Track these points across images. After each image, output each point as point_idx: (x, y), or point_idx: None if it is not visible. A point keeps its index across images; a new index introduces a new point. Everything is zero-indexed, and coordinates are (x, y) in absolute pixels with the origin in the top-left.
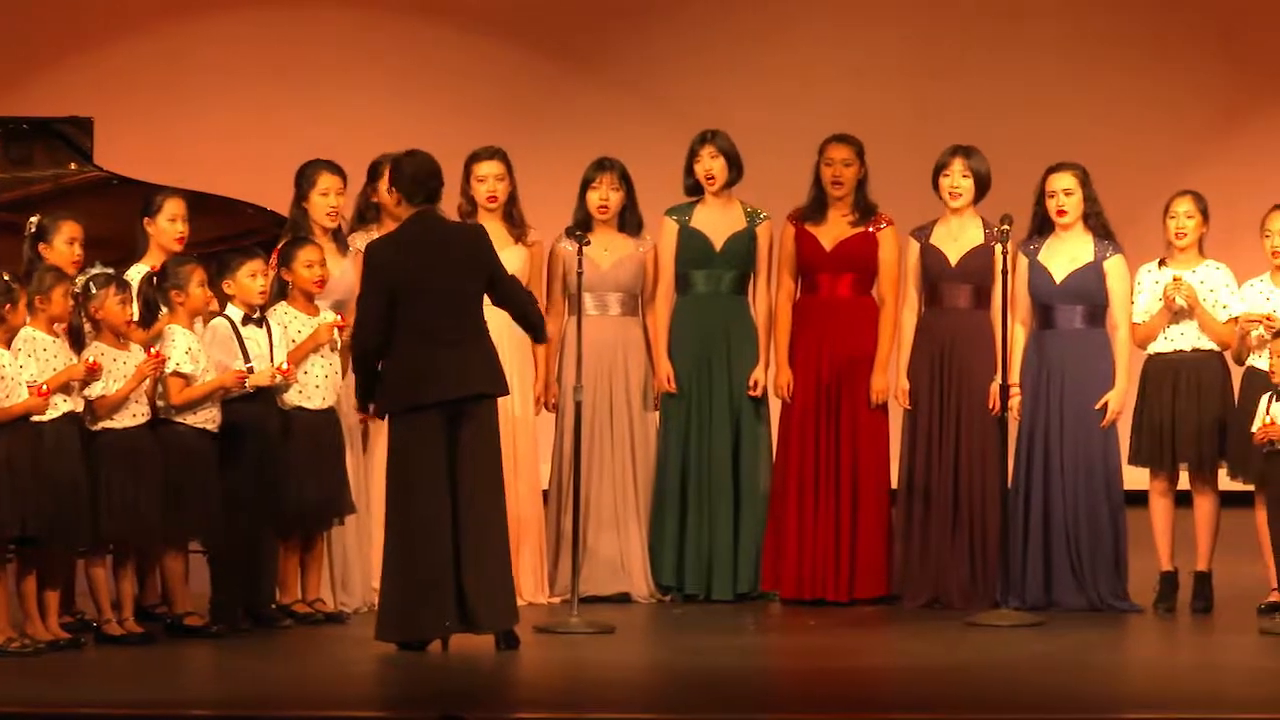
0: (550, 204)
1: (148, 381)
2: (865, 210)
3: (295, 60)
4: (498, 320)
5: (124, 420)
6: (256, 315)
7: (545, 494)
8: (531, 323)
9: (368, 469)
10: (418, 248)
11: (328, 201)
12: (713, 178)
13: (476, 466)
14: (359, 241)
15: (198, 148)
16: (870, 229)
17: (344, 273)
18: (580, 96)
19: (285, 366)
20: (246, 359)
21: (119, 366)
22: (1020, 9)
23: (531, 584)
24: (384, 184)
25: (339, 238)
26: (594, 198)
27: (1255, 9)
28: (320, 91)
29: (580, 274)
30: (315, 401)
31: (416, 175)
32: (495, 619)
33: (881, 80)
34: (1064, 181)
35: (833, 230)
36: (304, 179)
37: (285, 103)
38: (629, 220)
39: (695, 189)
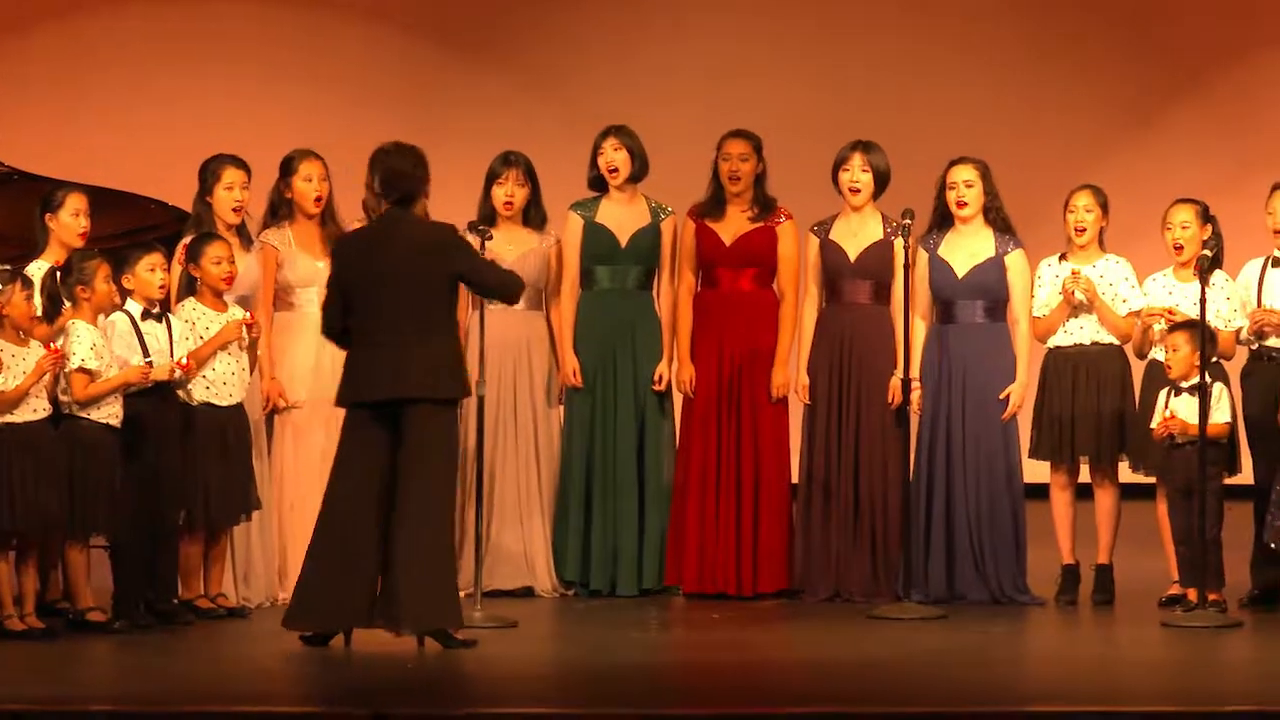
0: (452, 197)
1: (48, 377)
2: (765, 205)
3: (198, 54)
4: None
5: (24, 415)
6: (156, 310)
7: None
8: (502, 295)
9: (273, 465)
10: (376, 247)
11: (232, 196)
12: (615, 170)
13: (414, 468)
14: (271, 238)
15: (98, 142)
16: (770, 223)
17: (249, 268)
18: (484, 90)
19: (185, 361)
20: (146, 354)
21: (18, 363)
22: (924, 5)
23: None
24: (296, 179)
25: (243, 233)
26: (500, 193)
27: (1157, 7)
28: (223, 85)
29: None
30: (223, 398)
31: (386, 175)
32: (418, 620)
33: (784, 76)
34: (965, 174)
35: (732, 225)
36: (208, 173)
37: (188, 97)
38: (533, 215)
39: (598, 183)
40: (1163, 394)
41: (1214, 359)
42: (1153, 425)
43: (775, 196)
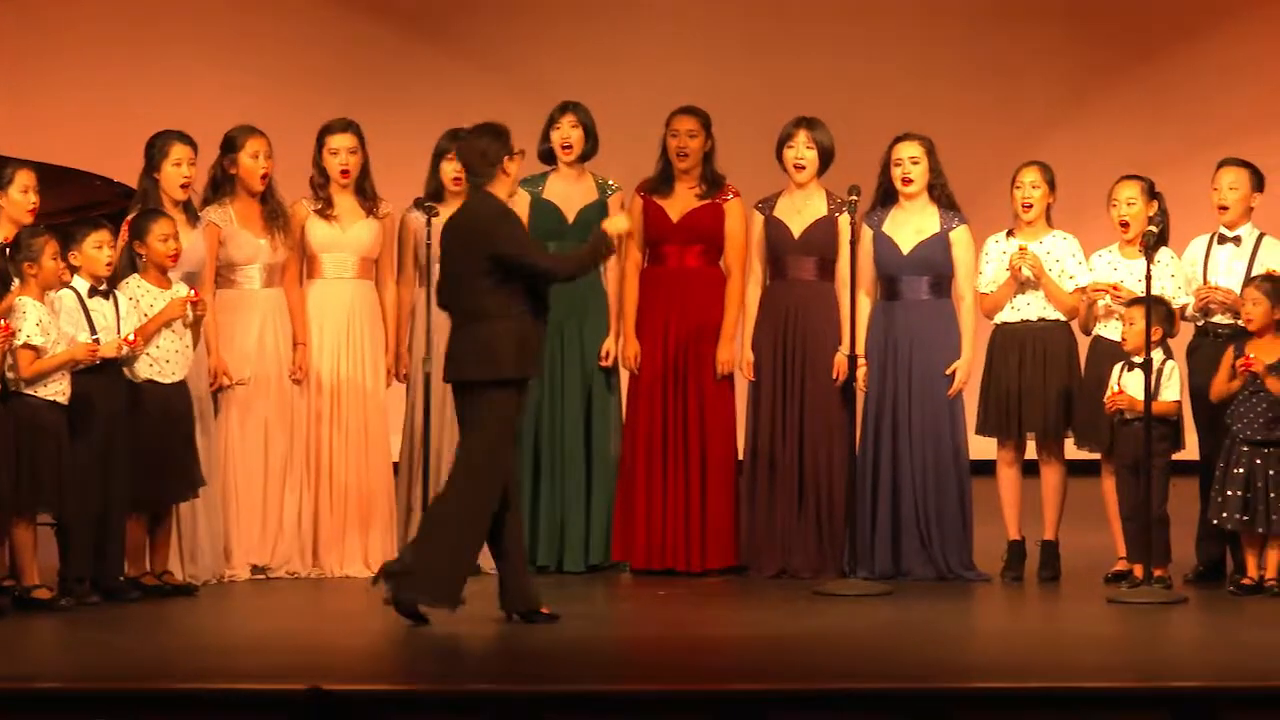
0: (398, 174)
1: None
2: (712, 182)
3: (143, 31)
4: (346, 291)
5: None
6: (103, 287)
7: (396, 465)
8: (576, 276)
9: (218, 442)
10: (450, 229)
11: (180, 172)
12: (569, 146)
13: (459, 447)
14: (212, 214)
15: (43, 119)
16: (717, 200)
17: (194, 245)
18: (428, 67)
19: (132, 338)
20: (93, 331)
21: None
22: None
23: (381, 555)
24: (242, 155)
25: (189, 209)
26: (449, 169)
27: None
28: (168, 63)
29: (429, 245)
30: (166, 375)
31: (460, 157)
32: (412, 591)
33: (730, 52)
34: (910, 150)
35: (680, 202)
36: (155, 150)
37: (134, 74)
38: None
39: (548, 156)
40: (1116, 368)
41: (1168, 336)
42: (1104, 399)
43: (723, 174)
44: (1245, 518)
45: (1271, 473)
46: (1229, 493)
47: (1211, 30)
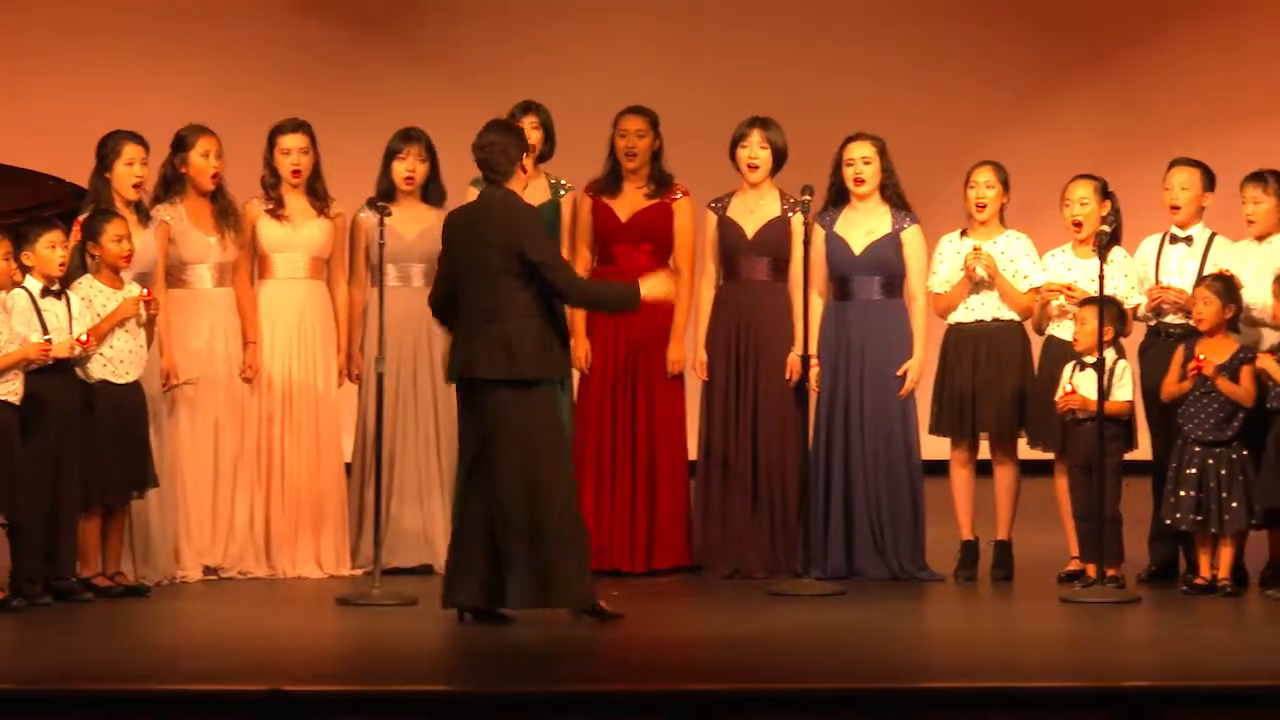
0: (347, 174)
1: None
2: (661, 181)
3: (95, 32)
4: (297, 291)
5: None
6: (56, 287)
7: (348, 466)
8: (589, 307)
9: (174, 441)
10: (471, 224)
11: (133, 172)
12: (530, 148)
13: (496, 448)
14: (163, 213)
15: None
16: (666, 200)
17: (146, 245)
18: (379, 67)
19: (84, 338)
20: (45, 331)
21: None
22: None
23: (333, 556)
24: (193, 155)
25: (140, 209)
26: (400, 168)
27: None
28: (119, 62)
29: (382, 245)
30: (120, 375)
31: (478, 155)
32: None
33: (681, 52)
34: (862, 150)
35: (628, 201)
36: (107, 150)
37: (85, 75)
38: (433, 191)
39: None
40: (1068, 368)
41: (1119, 335)
42: (1055, 399)
43: (672, 173)
44: (1198, 518)
45: (1223, 473)
46: (1181, 493)
47: (1162, 30)
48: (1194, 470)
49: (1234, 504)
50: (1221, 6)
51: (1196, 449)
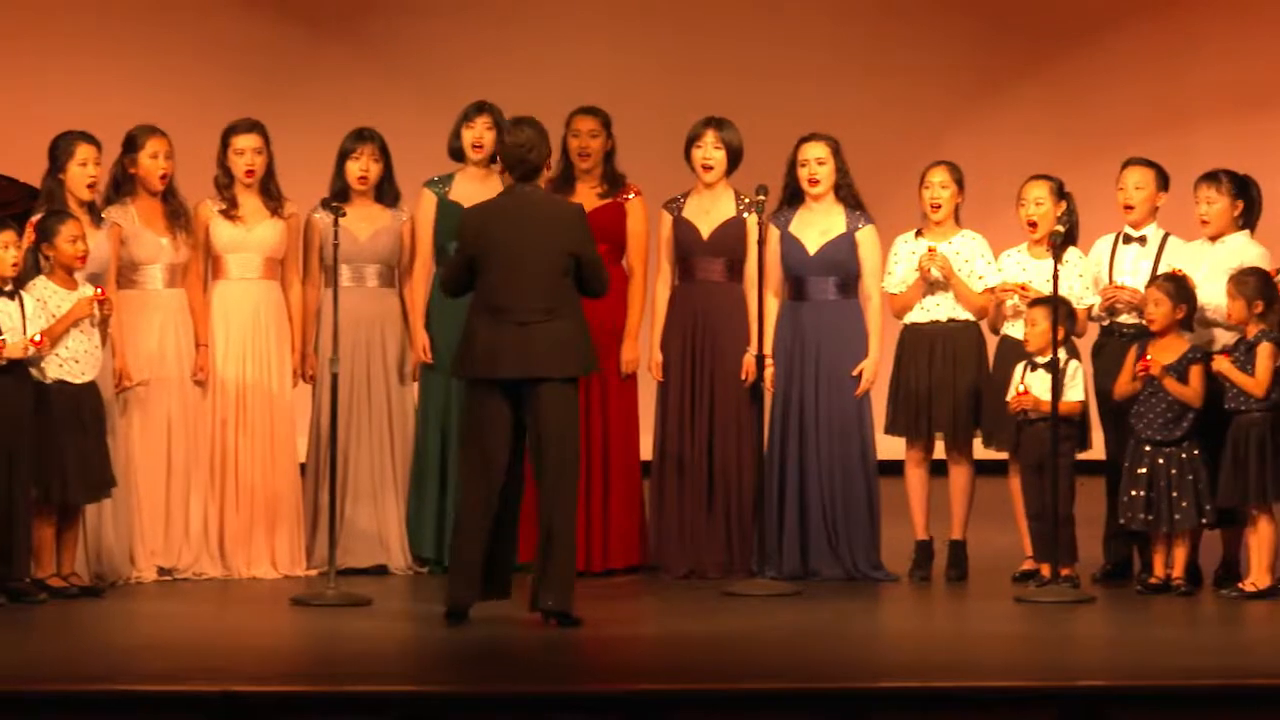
0: (299, 174)
1: None
2: (613, 181)
3: (47, 31)
4: (251, 292)
5: None
6: (8, 288)
7: (303, 466)
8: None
9: (126, 443)
10: (503, 222)
11: (86, 172)
12: (480, 146)
13: (554, 447)
14: (114, 214)
15: None
16: (618, 199)
17: (98, 245)
18: (332, 67)
19: (38, 339)
20: None
21: None
22: None
23: (288, 557)
24: (142, 155)
25: (93, 210)
26: (354, 168)
27: None
28: (72, 62)
29: (336, 245)
30: (76, 376)
31: (509, 151)
32: (563, 600)
33: (635, 52)
34: (816, 151)
35: (582, 201)
36: (60, 150)
37: (37, 75)
38: (387, 192)
39: (459, 155)
40: (1019, 368)
41: (1070, 335)
42: (1007, 399)
43: (624, 173)
44: (1149, 517)
45: (1173, 472)
46: (1133, 493)
47: (1116, 30)
48: (1144, 470)
49: (1184, 504)
50: (1174, 6)
51: (1147, 449)
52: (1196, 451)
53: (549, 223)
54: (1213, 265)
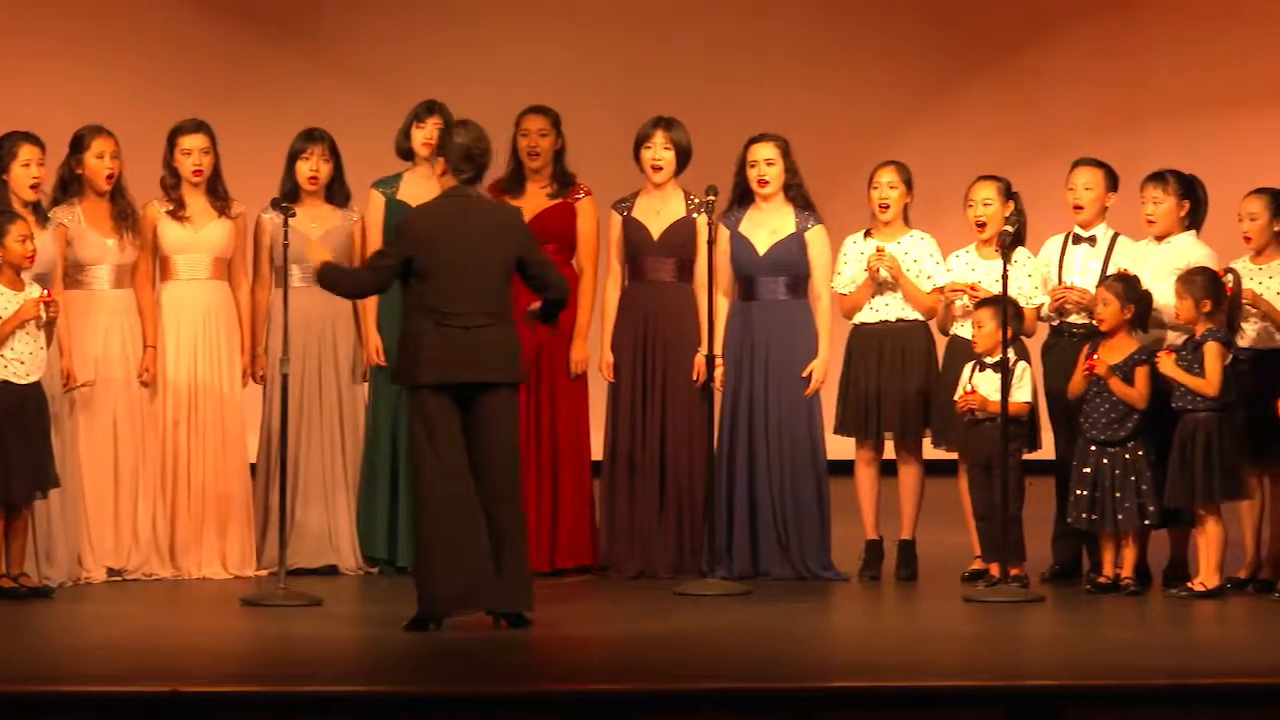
0: (246, 174)
1: None
2: (563, 181)
3: None
4: (200, 292)
5: None
6: None
7: (253, 467)
8: (559, 304)
9: (74, 444)
10: (448, 226)
11: (29, 173)
12: (431, 145)
13: (498, 450)
14: (60, 215)
15: None
16: (568, 199)
17: (44, 246)
18: (281, 67)
19: None
20: None
21: None
22: None
23: (238, 557)
24: (88, 156)
25: (39, 210)
26: (304, 168)
27: None
28: (17, 62)
29: (286, 246)
30: (21, 376)
31: (456, 153)
32: (525, 602)
33: (586, 51)
34: (765, 152)
35: (532, 202)
36: (3, 151)
37: None
38: (337, 192)
39: (408, 155)
40: (967, 368)
41: (1018, 335)
42: (955, 398)
43: (574, 172)
44: (1093, 516)
45: (1117, 472)
46: (1078, 492)
47: (1064, 30)
48: (1089, 469)
49: (1126, 504)
50: (1121, 7)
51: (1092, 448)
52: (1141, 452)
53: (493, 228)
54: (1158, 265)
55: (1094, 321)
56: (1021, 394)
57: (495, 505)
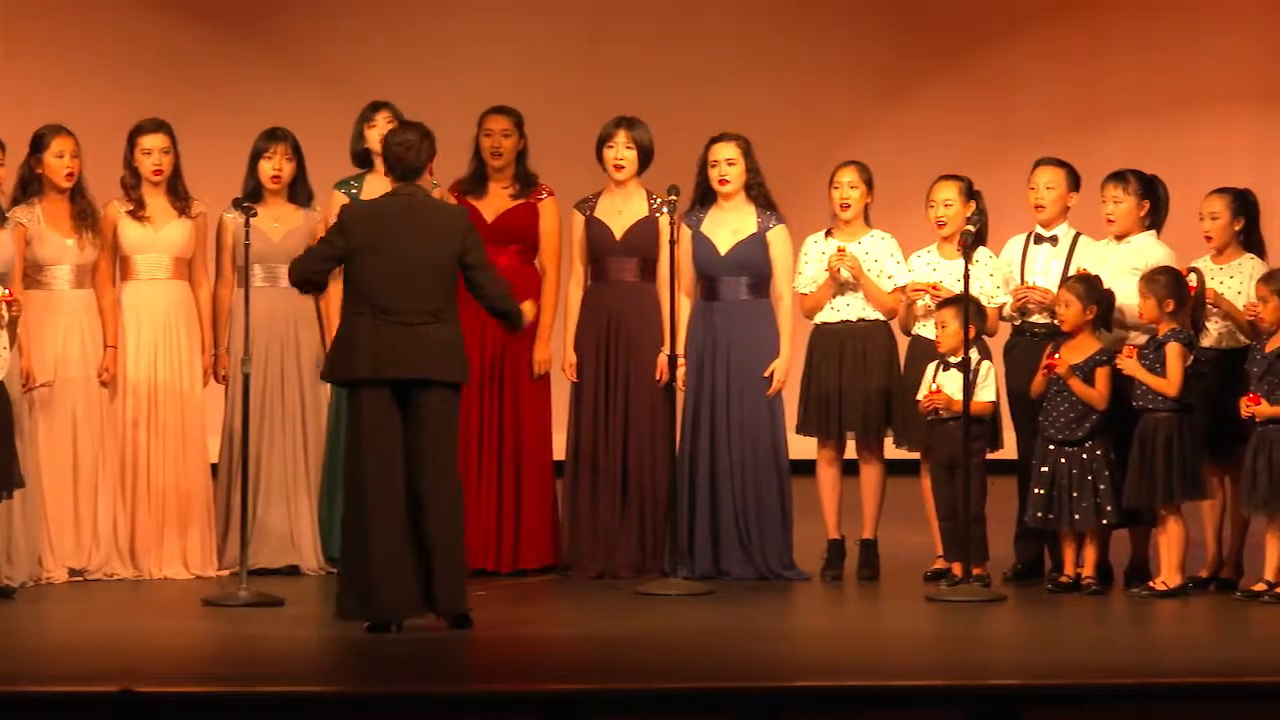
0: (208, 173)
1: None
2: (526, 181)
3: None
4: (161, 292)
5: None
6: None
7: (214, 467)
8: (500, 310)
9: (31, 443)
10: (389, 223)
11: None
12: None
13: (434, 450)
14: (19, 214)
15: None
16: (531, 200)
17: (4, 246)
18: (241, 66)
19: None
20: None
21: None
22: None
23: (199, 557)
24: (48, 155)
25: None
26: (267, 168)
27: None
28: None
29: (248, 245)
30: None
31: (392, 152)
32: (454, 603)
33: (548, 51)
34: (726, 151)
35: (494, 202)
36: None
37: None
38: (300, 191)
39: (364, 158)
40: (930, 368)
41: (981, 335)
42: (919, 398)
43: (537, 173)
44: (1051, 516)
45: (1074, 471)
46: (1036, 491)
47: (1025, 30)
48: (1047, 468)
49: (1083, 503)
50: (1085, 7)
51: (1051, 447)
52: (1100, 451)
53: (437, 227)
54: (1118, 265)
55: (1056, 321)
56: (985, 393)
57: (429, 505)
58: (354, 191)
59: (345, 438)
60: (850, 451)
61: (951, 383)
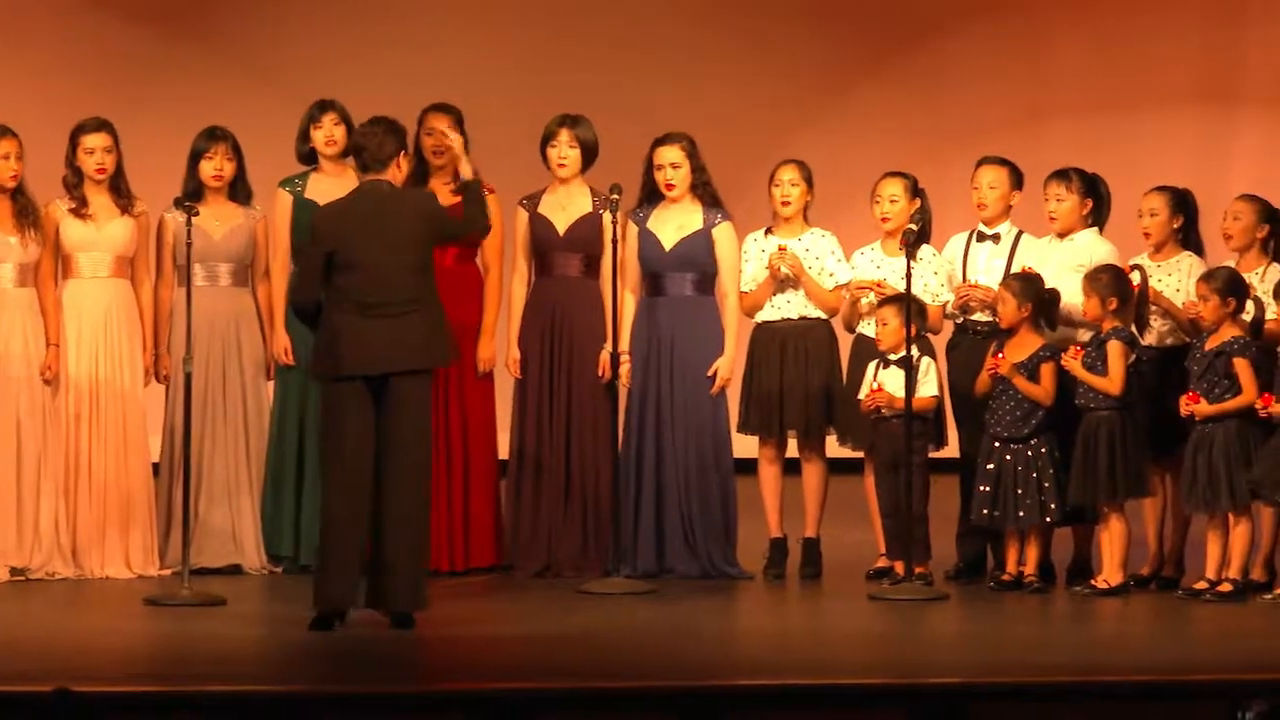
0: (147, 172)
1: None
2: None
3: None
4: (103, 291)
5: None
6: None
7: (156, 466)
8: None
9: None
10: (360, 218)
11: None
12: (334, 142)
13: (403, 440)
14: None
15: None
16: None
17: None
18: (183, 66)
19: None
20: None
21: None
22: None
23: (141, 557)
24: None
25: None
26: (208, 167)
27: None
28: None
29: (189, 245)
30: None
31: (357, 147)
32: (413, 601)
33: (491, 49)
34: (671, 155)
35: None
36: None
37: None
38: (240, 190)
39: (310, 157)
40: (871, 366)
41: (922, 333)
42: (860, 397)
43: (478, 169)
44: (996, 513)
45: (1019, 469)
46: (981, 488)
47: (966, 27)
48: (992, 466)
49: (1028, 500)
50: (1022, 5)
51: (996, 445)
52: (1045, 449)
53: (407, 215)
54: (1060, 262)
55: (997, 319)
56: (927, 388)
57: (392, 497)
58: (298, 190)
59: (319, 428)
60: (792, 450)
61: (893, 380)
